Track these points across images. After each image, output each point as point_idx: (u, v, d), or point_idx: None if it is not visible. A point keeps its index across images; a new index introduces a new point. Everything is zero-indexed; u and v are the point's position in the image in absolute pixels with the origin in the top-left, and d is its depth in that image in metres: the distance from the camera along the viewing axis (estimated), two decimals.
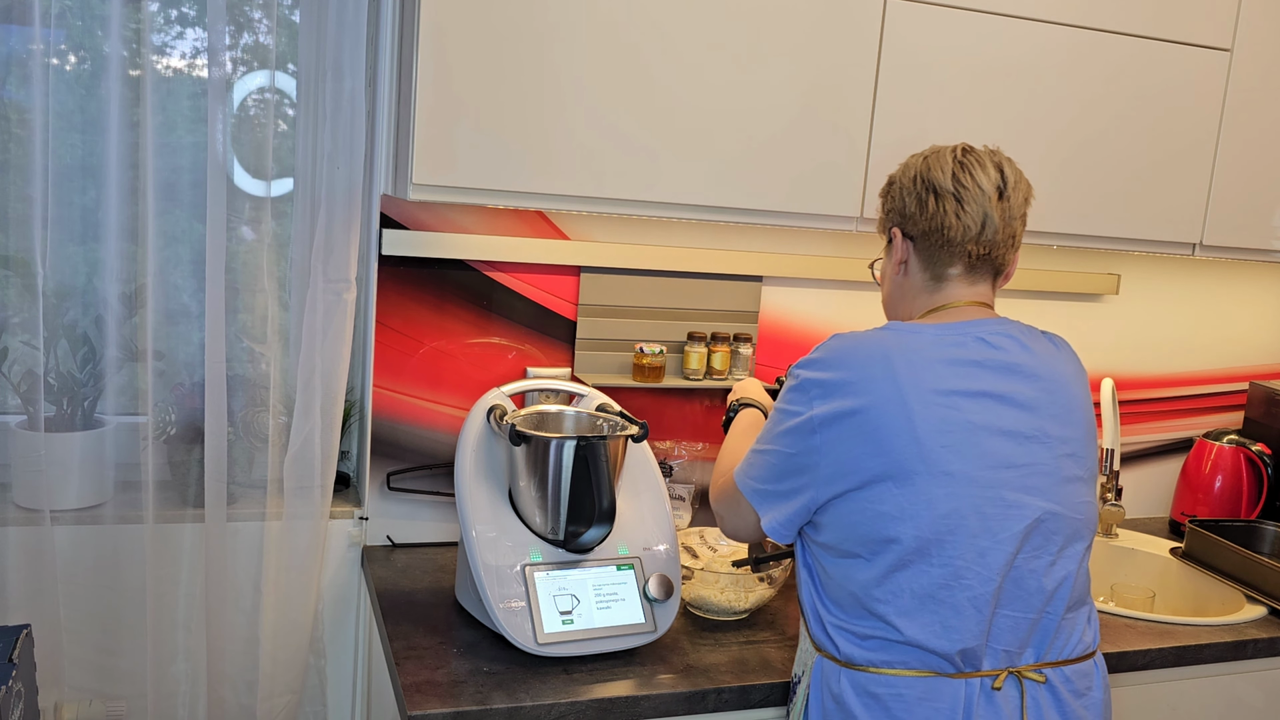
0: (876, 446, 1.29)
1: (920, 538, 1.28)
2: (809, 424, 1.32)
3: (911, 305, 1.44)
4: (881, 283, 1.53)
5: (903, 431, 1.28)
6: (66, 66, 1.78)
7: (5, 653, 1.37)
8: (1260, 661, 1.88)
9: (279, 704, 1.88)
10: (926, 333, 1.35)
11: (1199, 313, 2.55)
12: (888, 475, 1.28)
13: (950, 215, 1.37)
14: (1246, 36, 2.02)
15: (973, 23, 1.83)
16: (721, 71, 1.70)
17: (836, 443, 1.30)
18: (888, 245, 1.48)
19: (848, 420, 1.30)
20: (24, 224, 1.65)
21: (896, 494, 1.28)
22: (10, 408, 1.83)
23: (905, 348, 1.32)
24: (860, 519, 1.31)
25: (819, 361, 1.35)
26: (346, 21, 1.74)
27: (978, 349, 1.35)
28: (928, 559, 1.29)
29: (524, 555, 1.60)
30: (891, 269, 1.47)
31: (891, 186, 1.46)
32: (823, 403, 1.31)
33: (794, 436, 1.34)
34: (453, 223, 1.90)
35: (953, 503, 1.28)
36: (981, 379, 1.32)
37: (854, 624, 1.34)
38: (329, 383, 1.82)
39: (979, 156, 1.39)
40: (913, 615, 1.30)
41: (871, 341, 1.34)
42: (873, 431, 1.29)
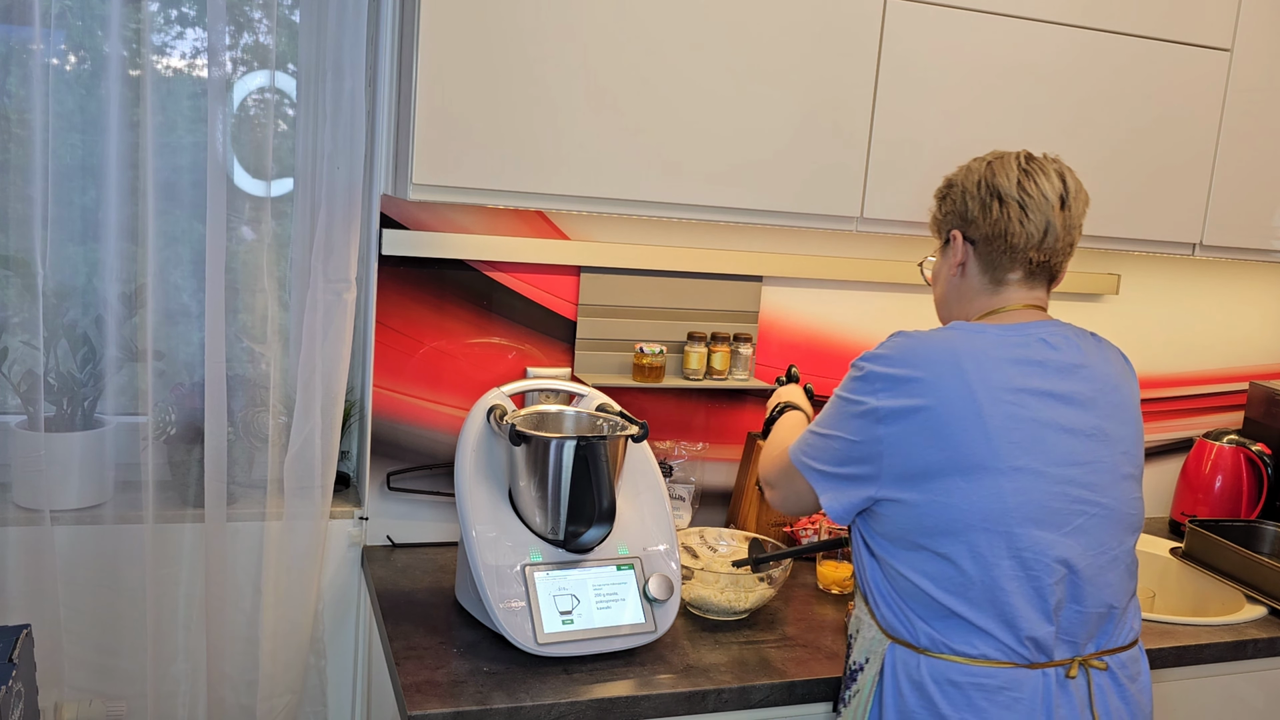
0: (945, 442, 1.31)
1: (990, 530, 1.31)
2: (874, 414, 1.35)
3: (969, 306, 1.47)
4: (933, 282, 1.54)
5: (973, 428, 1.31)
6: (66, 66, 1.78)
7: (5, 653, 1.37)
8: (1260, 661, 1.88)
9: (279, 704, 1.88)
10: (990, 333, 1.38)
11: (1199, 313, 2.55)
12: (956, 469, 1.31)
13: (1014, 222, 1.39)
14: (1246, 36, 2.02)
15: (973, 23, 1.83)
16: (722, 71, 1.70)
17: (903, 438, 1.33)
18: (944, 246, 1.49)
19: (915, 417, 1.32)
20: (24, 224, 1.65)
21: (964, 488, 1.31)
22: (10, 408, 1.83)
23: (973, 347, 1.36)
24: (928, 512, 1.33)
25: (886, 357, 1.37)
26: (346, 21, 1.74)
27: (1039, 349, 1.38)
28: (993, 550, 1.31)
29: (524, 555, 1.60)
30: (947, 270, 1.48)
31: (951, 189, 1.47)
32: (889, 396, 1.34)
33: (858, 424, 1.36)
34: (453, 223, 1.91)
35: (1021, 496, 1.31)
36: (1045, 378, 1.36)
37: (930, 613, 1.36)
38: (329, 383, 1.82)
39: (1042, 164, 1.42)
40: (985, 607, 1.32)
41: (939, 341, 1.37)
42: (941, 428, 1.32)
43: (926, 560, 1.35)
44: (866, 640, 1.44)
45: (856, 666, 1.46)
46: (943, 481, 1.32)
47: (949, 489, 1.32)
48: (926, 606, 1.36)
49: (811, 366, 2.20)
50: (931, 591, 1.34)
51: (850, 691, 1.47)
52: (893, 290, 2.22)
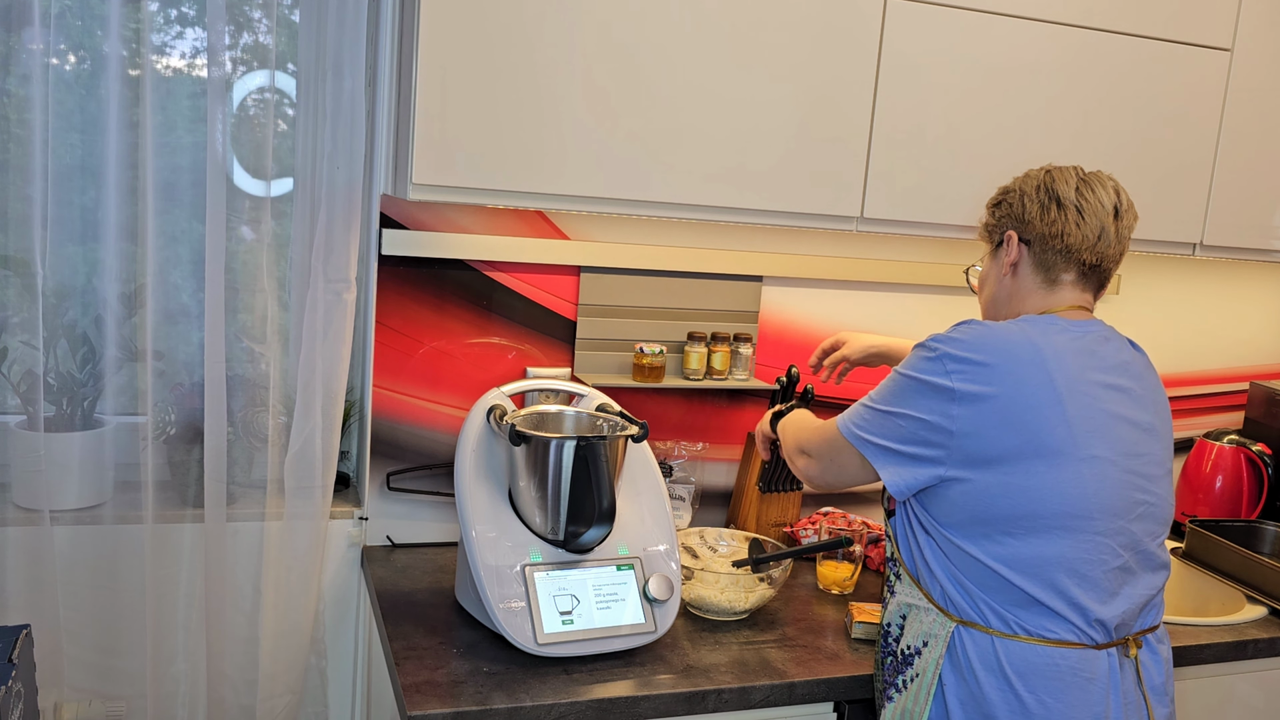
0: (1024, 428, 1.35)
1: (1068, 514, 1.35)
2: (949, 394, 1.37)
3: (1020, 305, 1.51)
4: (980, 286, 1.60)
5: (1053, 415, 1.35)
6: (66, 66, 1.78)
7: (5, 653, 1.36)
8: (1260, 661, 1.88)
9: (279, 704, 1.88)
10: (1059, 324, 1.44)
11: (1199, 313, 2.54)
12: (1036, 454, 1.35)
13: (1070, 224, 1.45)
14: (1246, 36, 2.02)
15: (973, 23, 1.83)
16: (722, 71, 1.70)
17: (979, 421, 1.36)
18: (994, 250, 1.55)
19: (992, 403, 1.35)
20: (24, 224, 1.65)
21: (1044, 472, 1.35)
22: (10, 408, 1.83)
23: (1048, 338, 1.41)
24: (1003, 495, 1.36)
25: (962, 341, 1.39)
26: (346, 21, 1.74)
27: (1099, 344, 1.45)
28: (1073, 535, 1.36)
29: (524, 555, 1.60)
30: (999, 270, 1.53)
31: (1008, 194, 1.53)
32: (963, 380, 1.36)
33: (931, 401, 1.38)
34: (453, 222, 1.90)
35: (1098, 483, 1.36)
36: (1107, 372, 1.42)
37: (1003, 596, 1.38)
38: (329, 383, 1.82)
39: (1099, 177, 1.49)
40: (1059, 590, 1.36)
41: (1016, 330, 1.41)
42: (1020, 414, 1.35)
43: (1000, 543, 1.37)
44: (923, 624, 1.45)
45: (911, 650, 1.46)
46: (1021, 465, 1.35)
47: (1028, 473, 1.35)
48: (999, 589, 1.38)
49: None
50: (1005, 574, 1.37)
51: (906, 676, 1.47)
52: (893, 290, 2.22)
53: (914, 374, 1.41)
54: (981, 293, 1.60)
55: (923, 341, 1.44)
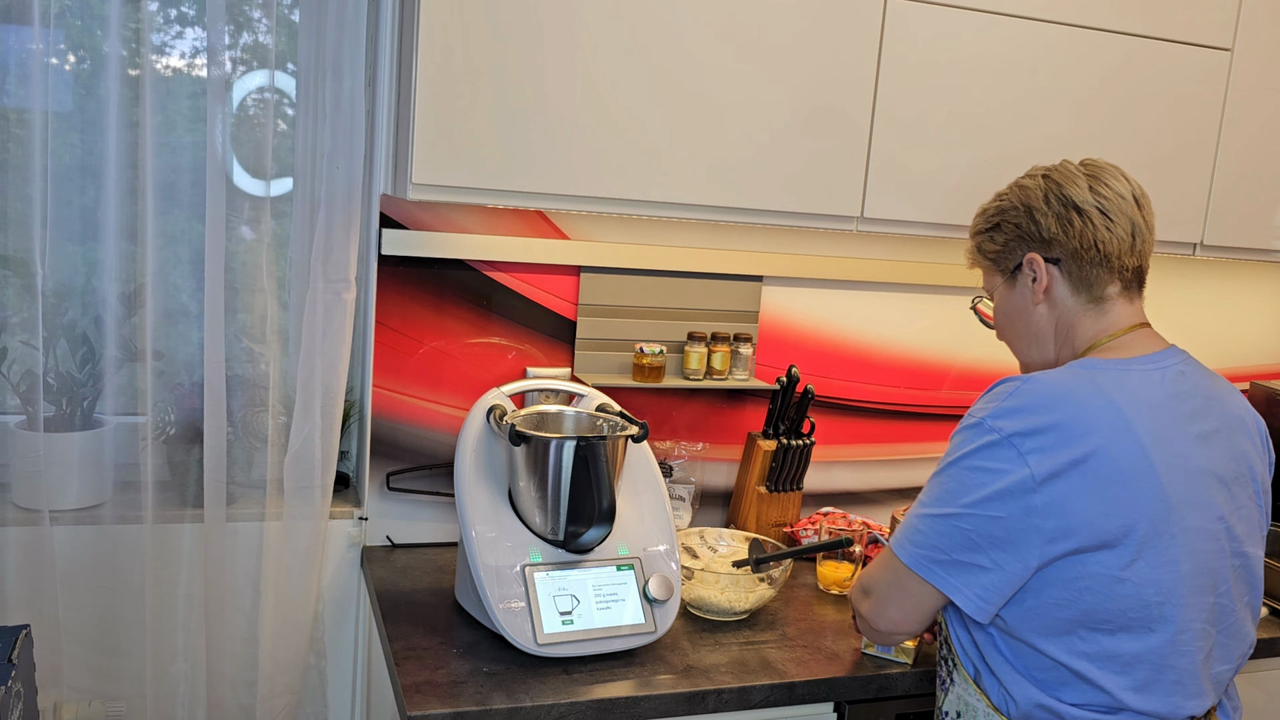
0: (1116, 501, 1.17)
1: (1160, 604, 1.20)
2: (1028, 482, 1.17)
3: (1073, 336, 1.33)
4: (1004, 324, 1.40)
5: (1146, 483, 1.18)
6: (66, 66, 1.78)
7: (5, 653, 1.36)
8: (1260, 661, 1.88)
9: (279, 704, 1.88)
10: (1134, 370, 1.26)
11: (1199, 313, 2.54)
12: (1129, 537, 1.18)
13: (1100, 229, 1.29)
14: (1246, 36, 2.02)
15: (973, 22, 1.83)
16: (721, 71, 1.70)
17: (1067, 499, 1.17)
18: (1008, 278, 1.37)
19: (1078, 470, 1.17)
20: (23, 224, 1.65)
21: (1137, 559, 1.18)
22: (9, 408, 1.83)
23: (1123, 387, 1.22)
24: (1091, 588, 1.19)
25: (1019, 409, 1.20)
26: (346, 21, 1.74)
27: (1183, 384, 1.27)
28: (1164, 624, 1.21)
29: (524, 555, 1.60)
30: (1026, 301, 1.35)
31: (1006, 214, 1.35)
32: (1040, 455, 1.17)
33: (1006, 500, 1.18)
34: (452, 222, 1.90)
35: (1191, 562, 1.21)
36: (1193, 418, 1.25)
37: (1059, 693, 1.23)
38: (329, 383, 1.82)
39: (1103, 166, 1.34)
40: (1144, 688, 1.22)
41: (1081, 380, 1.23)
42: (1110, 482, 1.17)
43: (1086, 640, 1.21)
44: (964, 703, 1.32)
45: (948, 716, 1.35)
46: (1112, 553, 1.18)
47: (1119, 562, 1.18)
48: (1060, 684, 1.23)
49: (811, 366, 2.19)
50: (1092, 675, 1.21)
51: None
52: (893, 290, 2.22)
53: (975, 464, 1.20)
54: (1008, 332, 1.40)
55: (974, 421, 1.22)
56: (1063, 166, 1.35)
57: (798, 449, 2.07)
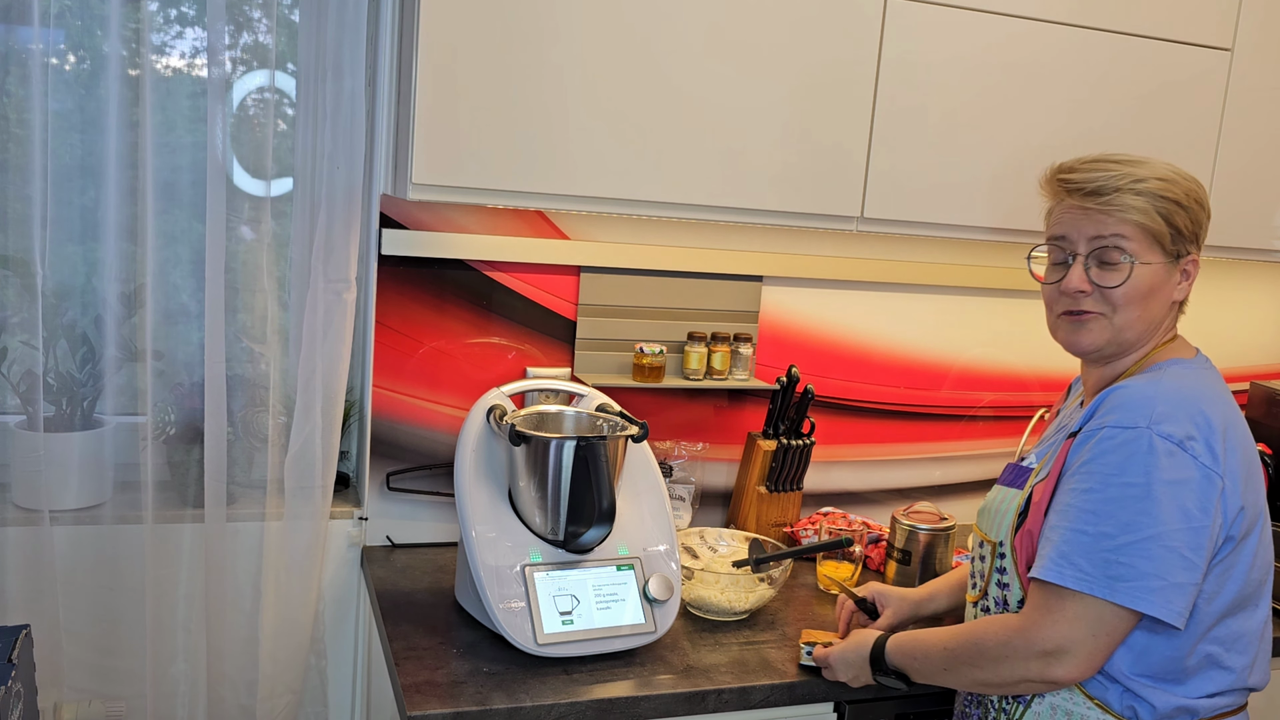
0: (1252, 489, 1.27)
1: (1263, 580, 1.30)
2: (1215, 482, 1.21)
3: (1162, 333, 1.38)
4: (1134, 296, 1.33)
5: (1255, 475, 1.28)
6: (66, 66, 1.78)
7: (5, 653, 1.36)
8: None
9: (279, 704, 1.88)
10: (1208, 367, 1.35)
11: (1199, 313, 2.53)
12: (1258, 520, 1.28)
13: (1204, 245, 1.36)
14: (1247, 36, 2.02)
15: (973, 22, 1.83)
16: (722, 71, 1.70)
17: (1235, 492, 1.24)
18: (1170, 259, 1.33)
19: (1235, 462, 1.25)
20: (23, 224, 1.65)
21: (1259, 541, 1.29)
22: (10, 408, 1.83)
23: (1223, 386, 1.32)
24: (1233, 575, 1.27)
25: (1172, 415, 1.22)
26: (346, 21, 1.74)
27: (1223, 381, 1.36)
28: (1264, 600, 1.31)
29: (524, 555, 1.60)
30: (1170, 290, 1.35)
31: (1184, 205, 1.32)
32: (1211, 455, 1.21)
33: (1204, 505, 1.20)
34: (453, 222, 1.90)
35: (1271, 542, 1.32)
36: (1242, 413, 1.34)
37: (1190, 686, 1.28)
38: (329, 383, 1.82)
39: None
40: (1256, 663, 1.31)
41: (1202, 378, 1.31)
42: (1249, 471, 1.26)
43: (1215, 631, 1.27)
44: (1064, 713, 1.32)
45: None
46: (1249, 542, 1.28)
47: (1250, 547, 1.28)
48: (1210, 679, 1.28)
49: (811, 366, 2.19)
50: (1222, 659, 1.28)
51: None
52: (893, 290, 2.22)
53: (1163, 476, 1.19)
54: (1132, 305, 1.33)
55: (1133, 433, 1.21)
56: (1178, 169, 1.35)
57: (798, 449, 2.07)
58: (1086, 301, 1.34)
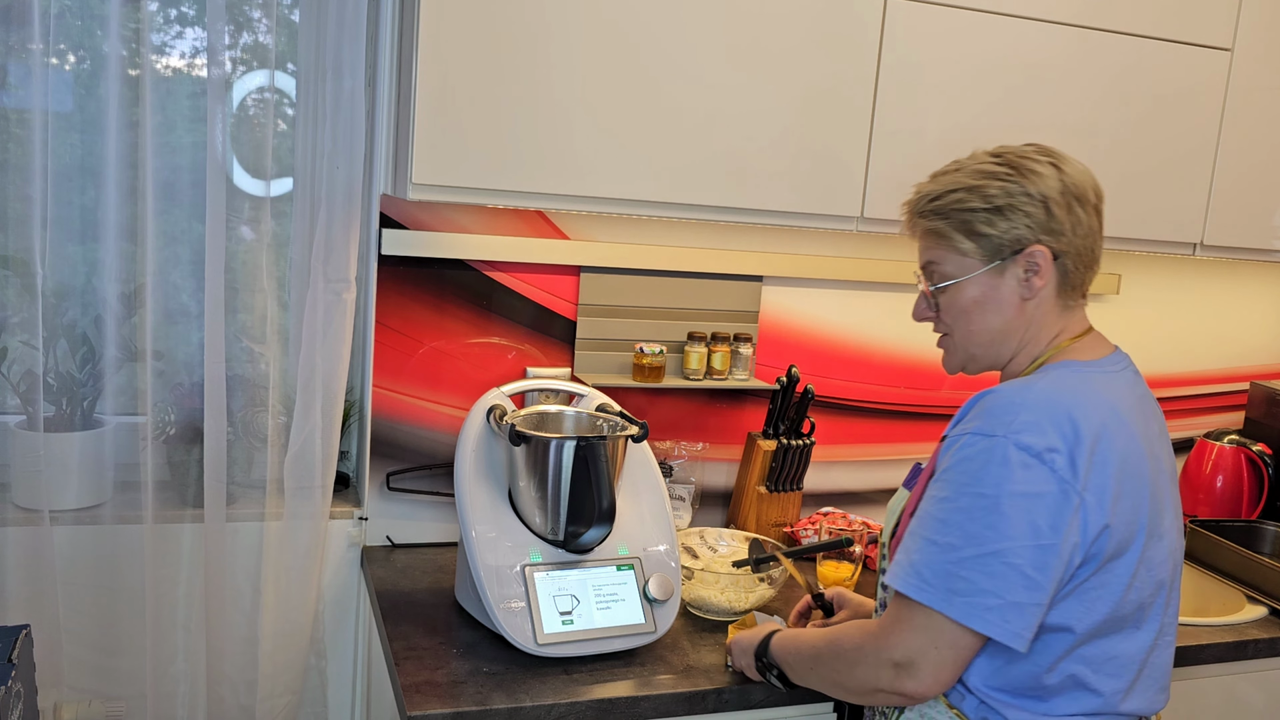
0: (1130, 506, 1.16)
1: (1150, 603, 1.20)
2: (1071, 498, 1.12)
3: (1034, 336, 1.27)
4: (972, 310, 1.27)
5: (1146, 485, 1.17)
6: (66, 66, 1.78)
7: (5, 653, 1.36)
8: (1260, 661, 1.88)
9: (279, 704, 1.88)
10: (1111, 372, 1.23)
11: (1199, 313, 2.54)
12: (1136, 540, 1.17)
13: (1098, 230, 1.25)
14: (1247, 36, 2.02)
15: (973, 23, 1.83)
16: (722, 71, 1.70)
17: (1098, 507, 1.13)
18: (993, 264, 1.25)
19: (1102, 476, 1.14)
20: (23, 224, 1.65)
21: (1139, 562, 1.18)
22: (9, 408, 1.83)
23: (1112, 389, 1.20)
24: (1100, 597, 1.17)
25: (1035, 423, 1.13)
26: (346, 21, 1.74)
27: (1136, 385, 1.26)
28: (1151, 623, 1.21)
29: (524, 555, 1.60)
30: (1014, 293, 1.25)
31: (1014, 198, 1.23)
32: (1070, 469, 1.12)
33: (1053, 522, 1.11)
34: (453, 222, 1.90)
35: (1171, 560, 1.22)
36: (1153, 419, 1.25)
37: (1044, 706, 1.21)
38: (329, 383, 1.82)
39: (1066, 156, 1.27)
40: (1133, 688, 1.22)
41: (1083, 383, 1.19)
42: (1125, 487, 1.15)
43: (1083, 651, 1.19)
44: None
45: None
46: (1122, 562, 1.17)
47: (1128, 568, 1.17)
48: (1075, 699, 1.20)
49: (811, 366, 2.19)
50: (1089, 681, 1.20)
51: None
52: (893, 290, 2.22)
53: (1013, 489, 1.11)
54: (973, 323, 1.27)
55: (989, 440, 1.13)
56: (1053, 152, 1.27)
57: (798, 449, 2.07)
58: (937, 326, 1.33)
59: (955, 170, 1.31)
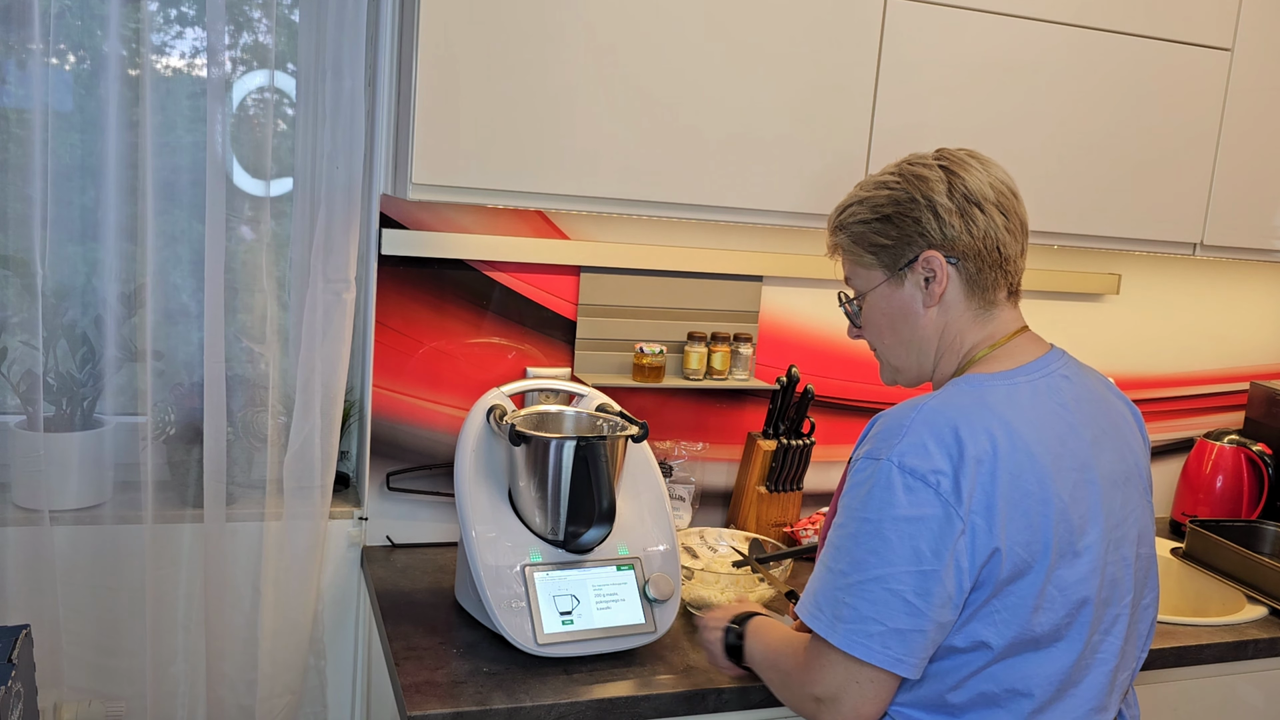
0: (1026, 527, 1.11)
1: (1068, 624, 1.16)
2: (955, 522, 1.09)
3: (956, 343, 1.25)
4: (881, 324, 1.30)
5: (1050, 505, 1.12)
6: (66, 66, 1.78)
7: (5, 653, 1.36)
8: (1260, 661, 1.88)
9: (279, 704, 1.88)
10: (1019, 382, 1.19)
11: (1199, 313, 2.54)
12: (1039, 561, 1.12)
13: (1001, 229, 1.20)
14: (1246, 36, 2.02)
15: (973, 22, 1.83)
16: (722, 71, 1.70)
17: (985, 530, 1.09)
18: (894, 275, 1.26)
19: (987, 498, 1.10)
20: (23, 224, 1.65)
21: (1046, 582, 1.13)
22: (10, 408, 1.83)
23: (1014, 403, 1.15)
24: (1005, 619, 1.13)
25: (921, 445, 1.10)
26: (346, 21, 1.74)
27: (1069, 390, 1.21)
28: (1073, 642, 1.17)
29: (524, 555, 1.60)
30: (917, 303, 1.25)
31: (901, 205, 1.24)
32: (955, 492, 1.09)
33: (935, 546, 1.09)
34: (453, 222, 1.90)
35: (1098, 576, 1.17)
36: (1085, 425, 1.19)
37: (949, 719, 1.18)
38: (328, 383, 1.82)
39: (983, 156, 1.26)
40: (1050, 708, 1.17)
41: (973, 401, 1.15)
42: (1017, 508, 1.11)
43: (992, 670, 1.15)
44: None
45: None
46: (1024, 583, 1.12)
47: (1033, 590, 1.12)
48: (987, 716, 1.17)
49: (811, 366, 2.19)
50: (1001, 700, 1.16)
51: None
52: None
53: (896, 513, 1.09)
54: (885, 336, 1.29)
55: (876, 464, 1.11)
56: (956, 154, 1.25)
57: (798, 449, 2.07)
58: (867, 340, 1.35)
59: (859, 186, 1.33)
